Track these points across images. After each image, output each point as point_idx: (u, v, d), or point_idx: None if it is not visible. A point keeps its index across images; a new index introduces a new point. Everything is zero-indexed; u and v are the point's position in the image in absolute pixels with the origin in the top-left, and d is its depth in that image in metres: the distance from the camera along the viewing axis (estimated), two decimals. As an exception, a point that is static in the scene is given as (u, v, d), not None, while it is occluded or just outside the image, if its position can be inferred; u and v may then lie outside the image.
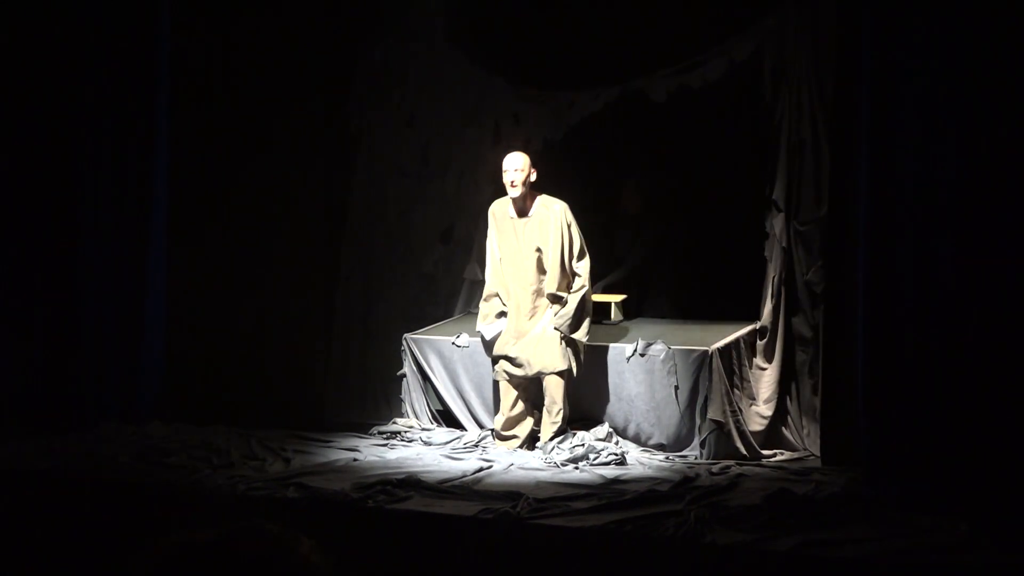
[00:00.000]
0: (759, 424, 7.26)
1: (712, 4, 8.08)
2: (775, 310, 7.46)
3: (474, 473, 6.51)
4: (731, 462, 6.85)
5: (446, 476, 6.38)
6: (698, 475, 6.49)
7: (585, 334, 7.30)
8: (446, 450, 7.32)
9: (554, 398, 7.25)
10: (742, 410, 7.13)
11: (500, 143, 8.59)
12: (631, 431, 7.40)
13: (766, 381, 7.40)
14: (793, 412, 7.46)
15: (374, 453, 7.23)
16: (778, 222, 7.48)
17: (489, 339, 7.45)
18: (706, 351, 7.08)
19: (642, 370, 7.33)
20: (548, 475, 6.57)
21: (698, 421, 7.08)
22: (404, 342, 8.13)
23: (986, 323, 5.62)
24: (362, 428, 8.00)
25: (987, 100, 5.65)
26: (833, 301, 6.90)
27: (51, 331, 7.88)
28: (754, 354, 7.42)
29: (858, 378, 6.07)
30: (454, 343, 7.93)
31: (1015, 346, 5.57)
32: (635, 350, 7.33)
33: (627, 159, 8.95)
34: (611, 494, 5.97)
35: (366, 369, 8.83)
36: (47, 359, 7.85)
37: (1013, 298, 5.58)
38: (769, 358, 7.45)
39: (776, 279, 7.47)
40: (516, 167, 7.35)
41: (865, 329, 5.99)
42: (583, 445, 7.05)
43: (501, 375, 7.40)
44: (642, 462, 6.97)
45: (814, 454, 7.12)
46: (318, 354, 8.85)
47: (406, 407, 8.11)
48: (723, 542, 5.06)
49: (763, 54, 7.67)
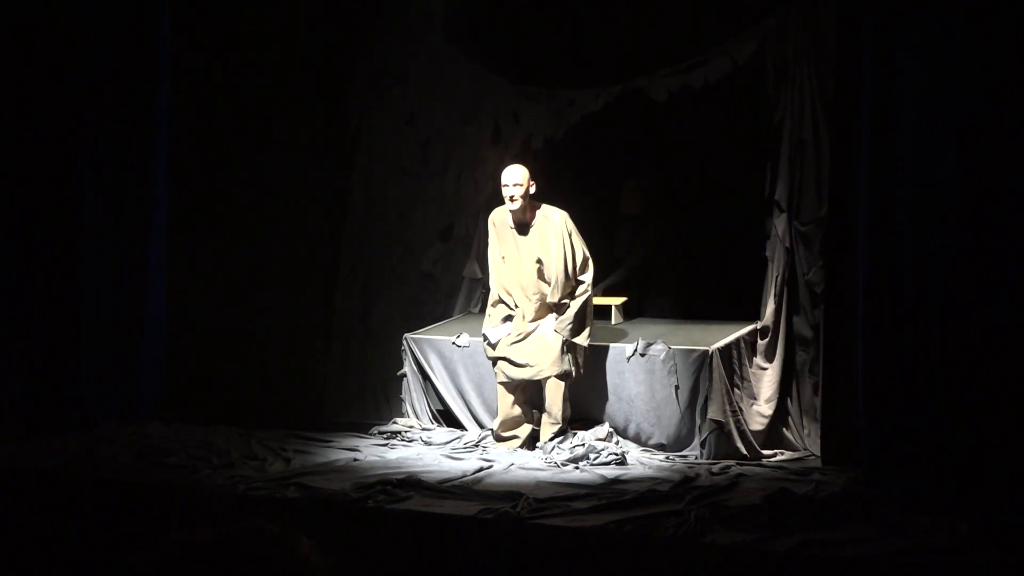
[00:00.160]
0: (759, 423, 7.26)
1: (713, 4, 8.08)
2: (777, 310, 7.46)
3: (474, 473, 6.51)
4: (731, 462, 6.84)
5: (446, 476, 6.38)
6: (698, 475, 6.49)
7: (587, 338, 7.30)
8: (446, 450, 7.32)
9: (554, 400, 7.24)
10: (742, 410, 7.13)
11: (500, 142, 8.60)
12: (631, 431, 7.40)
13: (767, 380, 7.40)
14: (793, 412, 7.45)
15: (374, 453, 7.22)
16: (781, 222, 7.47)
17: (495, 343, 7.41)
18: (706, 351, 7.08)
19: (642, 370, 7.33)
20: (548, 475, 6.57)
21: (698, 421, 7.08)
22: (404, 342, 8.13)
23: (986, 323, 5.62)
24: (362, 428, 7.99)
25: (987, 100, 5.65)
26: (833, 301, 6.90)
27: (51, 331, 7.88)
28: (754, 354, 7.42)
29: (858, 378, 6.07)
30: (454, 343, 7.93)
31: (1015, 346, 5.57)
32: (635, 350, 7.33)
33: (627, 159, 8.95)
34: (611, 494, 5.97)
35: (366, 369, 8.82)
36: (47, 359, 7.84)
37: (1013, 298, 5.58)
38: (770, 358, 7.44)
39: (779, 279, 7.47)
40: (515, 181, 7.26)
41: (865, 329, 5.99)
42: (583, 445, 7.05)
43: (501, 376, 7.39)
44: (642, 462, 6.97)
45: (814, 454, 7.12)
46: (318, 354, 8.86)
47: (406, 407, 8.11)
48: (723, 542, 5.06)
49: (764, 54, 7.67)
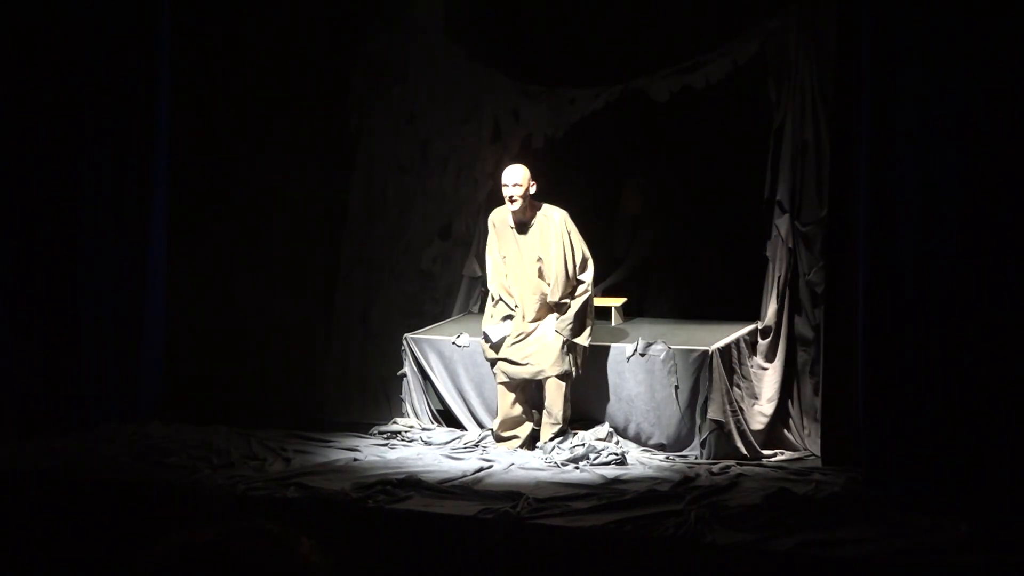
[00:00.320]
0: (760, 423, 7.26)
1: (714, 5, 8.09)
2: (779, 310, 7.45)
3: (474, 473, 6.51)
4: (731, 462, 6.84)
5: (446, 476, 6.38)
6: (698, 475, 6.49)
7: (587, 338, 7.30)
8: (446, 450, 7.32)
9: (554, 401, 7.23)
10: (743, 409, 7.13)
11: (500, 140, 8.60)
12: (631, 431, 7.40)
13: (768, 380, 7.39)
14: (794, 412, 7.45)
15: (374, 453, 7.22)
16: (783, 223, 7.47)
17: (495, 341, 7.39)
18: (706, 351, 7.08)
19: (642, 370, 7.33)
20: (548, 475, 6.57)
21: (698, 421, 7.08)
22: (404, 342, 8.13)
23: (986, 323, 5.62)
24: (362, 428, 7.99)
25: (987, 100, 5.65)
26: (833, 301, 6.90)
27: (51, 331, 7.88)
28: (754, 354, 7.42)
29: (858, 378, 6.07)
30: (454, 343, 7.93)
31: (1015, 346, 5.57)
32: (635, 350, 7.33)
33: (628, 158, 8.95)
34: (611, 494, 5.97)
35: (366, 369, 8.82)
36: (47, 359, 7.84)
37: (1013, 298, 5.58)
38: (770, 358, 7.44)
39: (781, 279, 7.47)
40: (515, 181, 7.27)
41: (865, 329, 5.99)
42: (583, 445, 7.05)
43: (501, 376, 7.39)
44: (642, 462, 6.97)
45: (814, 454, 7.12)
46: (318, 354, 8.85)
47: (406, 407, 8.11)
48: (723, 542, 5.06)
49: (765, 55, 7.67)
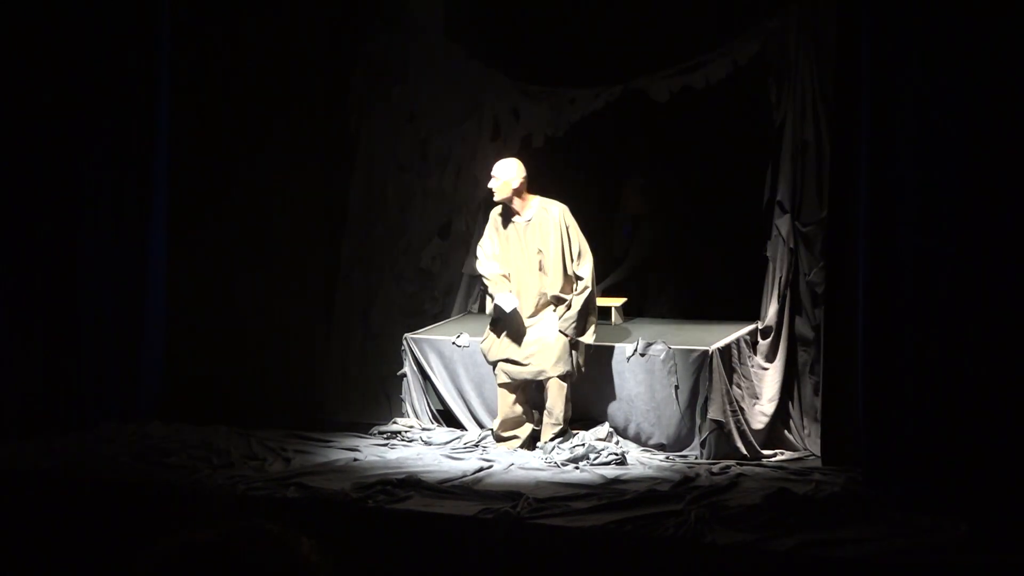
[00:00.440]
0: (761, 422, 7.26)
1: (715, 5, 8.08)
2: (780, 310, 7.45)
3: (474, 473, 6.50)
4: (731, 462, 6.84)
5: (446, 476, 6.38)
6: (698, 475, 6.49)
7: (592, 335, 7.30)
8: (446, 450, 7.32)
9: (555, 401, 7.23)
10: (743, 409, 7.13)
11: (499, 138, 8.61)
12: (631, 431, 7.40)
13: (769, 380, 7.39)
14: (794, 412, 7.45)
15: (374, 453, 7.22)
16: (784, 223, 7.47)
17: (509, 311, 7.26)
18: (706, 351, 7.08)
19: (642, 370, 7.33)
20: (548, 475, 6.57)
21: (698, 421, 7.08)
22: (404, 342, 8.13)
23: (986, 323, 5.62)
24: (362, 428, 7.99)
25: (987, 100, 5.65)
26: (833, 301, 6.90)
27: (51, 331, 7.88)
28: (755, 354, 7.42)
29: (858, 378, 6.07)
30: (454, 343, 7.93)
31: (1015, 346, 5.57)
32: (635, 350, 7.33)
33: (628, 158, 8.96)
34: (611, 494, 5.96)
35: (366, 369, 8.82)
36: (47, 359, 7.84)
37: (1013, 298, 5.58)
38: (771, 358, 7.44)
39: (782, 279, 7.46)
40: (494, 174, 7.41)
41: (865, 329, 5.99)
42: (583, 445, 7.05)
43: (501, 377, 7.39)
44: (642, 462, 6.97)
45: (814, 454, 7.11)
46: (318, 354, 8.85)
47: (406, 407, 8.11)
48: (723, 542, 5.06)
49: (765, 55, 7.67)
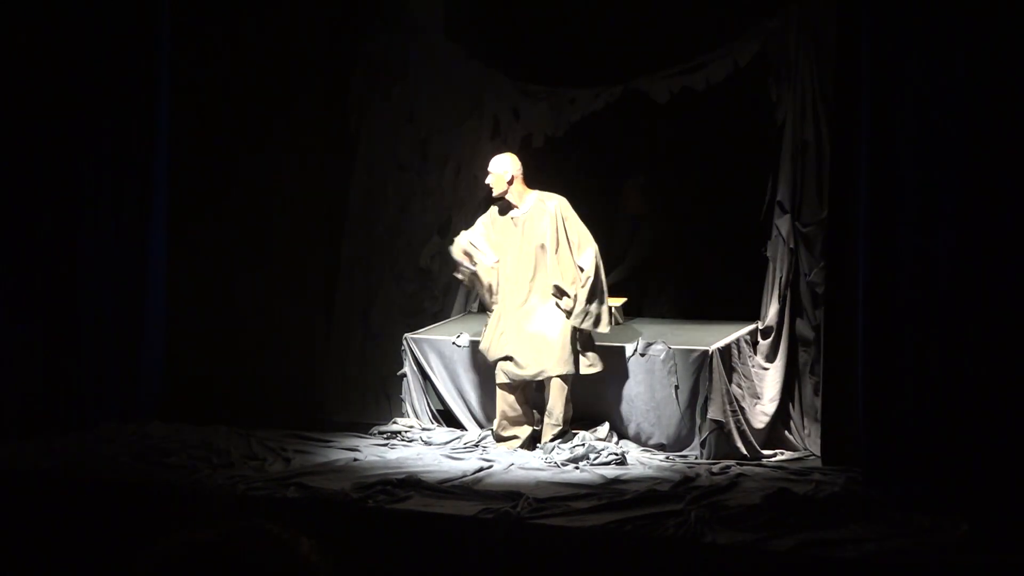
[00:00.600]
0: (762, 422, 7.26)
1: (715, 6, 8.09)
2: (780, 311, 7.44)
3: (474, 473, 6.50)
4: (731, 462, 6.84)
5: (446, 476, 6.38)
6: (698, 475, 6.49)
7: (607, 325, 7.27)
8: (446, 450, 7.31)
9: (556, 402, 7.23)
10: (744, 409, 7.13)
11: (499, 137, 8.61)
12: (631, 431, 7.40)
13: (770, 380, 7.39)
14: (794, 412, 7.45)
15: (374, 453, 7.22)
16: (784, 223, 7.47)
17: (458, 259, 7.43)
18: (706, 351, 7.08)
19: (642, 370, 7.33)
20: (548, 475, 6.57)
21: (698, 421, 7.08)
22: (404, 342, 8.13)
23: (986, 323, 5.62)
24: (362, 428, 7.99)
25: (987, 100, 5.65)
26: (833, 301, 6.90)
27: (51, 331, 7.88)
28: (755, 354, 7.42)
29: (858, 378, 6.07)
30: (454, 343, 7.93)
31: (1015, 346, 5.57)
32: (635, 350, 7.33)
33: (628, 158, 8.96)
34: (611, 494, 5.96)
35: (366, 369, 8.82)
36: (47, 359, 7.84)
37: (1013, 298, 5.58)
38: (771, 358, 7.44)
39: (782, 280, 7.46)
40: (488, 169, 7.45)
41: (865, 329, 5.98)
42: (583, 445, 7.05)
43: (501, 377, 7.38)
44: (642, 462, 6.97)
45: (814, 454, 7.12)
46: (318, 354, 8.85)
47: (406, 407, 8.11)
48: (723, 542, 5.06)
49: (766, 56, 7.67)
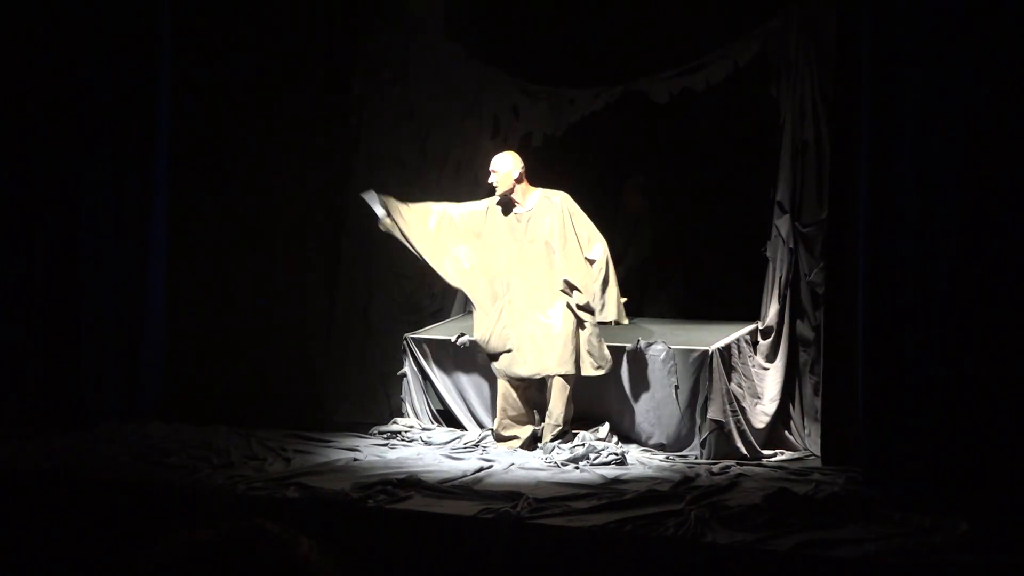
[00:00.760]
0: (762, 422, 7.26)
1: (715, 6, 8.09)
2: (780, 311, 7.44)
3: (474, 473, 6.50)
4: (731, 462, 6.84)
5: (446, 476, 6.38)
6: (698, 475, 6.49)
7: (624, 315, 7.29)
8: (446, 450, 7.31)
9: (557, 402, 7.23)
10: (744, 409, 7.13)
11: (499, 136, 8.61)
12: (631, 431, 7.40)
13: (770, 380, 7.39)
14: (794, 412, 7.45)
15: (374, 453, 7.22)
16: (783, 223, 7.47)
17: (378, 212, 7.38)
18: (706, 351, 7.08)
19: (642, 370, 7.33)
20: (548, 475, 6.56)
21: (698, 421, 7.08)
22: (404, 342, 8.13)
23: (986, 323, 5.62)
24: (362, 428, 7.99)
25: (987, 101, 5.65)
26: (833, 301, 6.90)
27: (51, 331, 7.88)
28: (755, 354, 7.42)
29: (858, 378, 6.07)
30: (454, 343, 7.93)
31: (1015, 346, 5.57)
32: (635, 350, 7.33)
33: (628, 159, 8.96)
34: (611, 494, 5.96)
35: (366, 367, 8.82)
36: (47, 359, 7.84)
37: (1013, 298, 5.58)
38: (771, 358, 7.44)
39: (782, 280, 7.46)
40: (492, 167, 7.44)
41: (865, 329, 5.98)
42: (583, 445, 7.05)
43: (502, 375, 7.38)
44: (642, 462, 6.97)
45: (814, 454, 7.12)
46: (318, 353, 8.85)
47: (406, 407, 8.11)
48: (723, 542, 5.06)
49: (766, 56, 7.67)
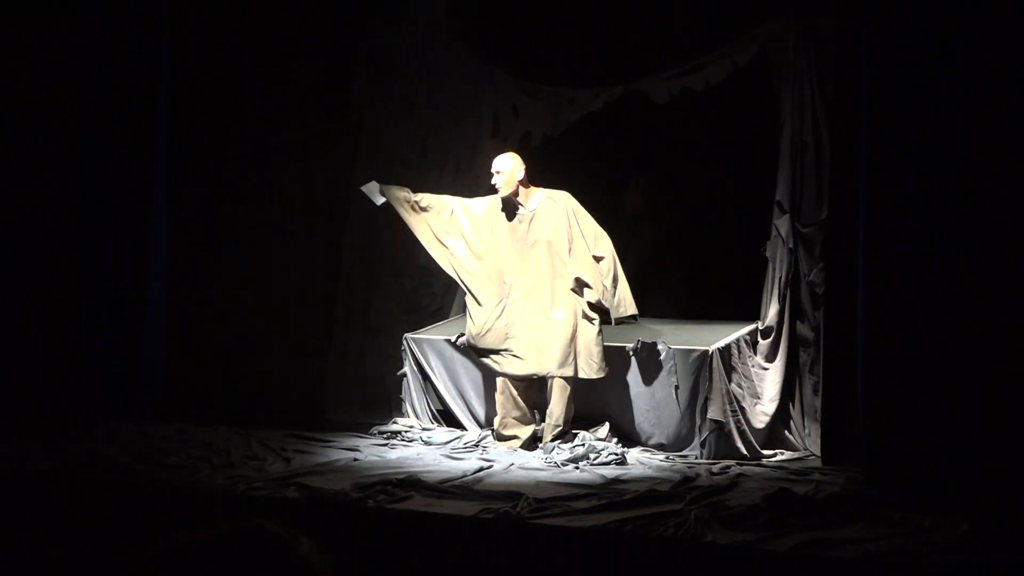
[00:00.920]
0: (762, 421, 7.26)
1: (715, 6, 8.09)
2: (780, 311, 7.44)
3: (474, 473, 6.50)
4: (731, 462, 6.85)
5: (446, 476, 6.38)
6: (698, 475, 6.49)
7: (634, 307, 7.32)
8: (446, 450, 7.32)
9: (557, 403, 7.23)
10: (744, 409, 7.13)
11: (498, 135, 8.61)
12: (631, 431, 7.40)
13: (770, 380, 7.40)
14: (794, 412, 7.45)
15: (374, 453, 7.22)
16: (783, 223, 7.47)
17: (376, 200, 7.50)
18: (706, 351, 7.08)
19: (642, 370, 7.33)
20: (548, 475, 6.57)
21: (698, 421, 7.08)
22: (404, 342, 8.13)
23: (986, 323, 5.62)
24: (362, 428, 7.99)
25: (987, 101, 5.64)
26: (833, 301, 6.90)
27: (51, 331, 7.87)
28: (755, 354, 7.42)
29: (858, 378, 6.07)
30: (454, 343, 7.93)
31: (1015, 346, 5.57)
32: (635, 350, 7.34)
33: (628, 159, 8.96)
34: (611, 494, 5.96)
35: (366, 366, 8.82)
36: (47, 359, 7.84)
37: (1013, 298, 5.58)
38: (771, 358, 7.44)
39: (782, 280, 7.46)
40: (495, 168, 7.45)
41: (865, 329, 5.99)
42: (583, 445, 7.05)
43: (501, 376, 7.38)
44: (642, 462, 6.97)
45: (814, 454, 7.12)
46: (318, 353, 8.84)
47: (406, 407, 8.11)
48: (723, 542, 5.06)
49: (766, 57, 7.67)
